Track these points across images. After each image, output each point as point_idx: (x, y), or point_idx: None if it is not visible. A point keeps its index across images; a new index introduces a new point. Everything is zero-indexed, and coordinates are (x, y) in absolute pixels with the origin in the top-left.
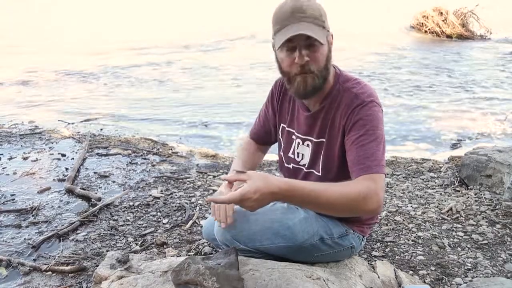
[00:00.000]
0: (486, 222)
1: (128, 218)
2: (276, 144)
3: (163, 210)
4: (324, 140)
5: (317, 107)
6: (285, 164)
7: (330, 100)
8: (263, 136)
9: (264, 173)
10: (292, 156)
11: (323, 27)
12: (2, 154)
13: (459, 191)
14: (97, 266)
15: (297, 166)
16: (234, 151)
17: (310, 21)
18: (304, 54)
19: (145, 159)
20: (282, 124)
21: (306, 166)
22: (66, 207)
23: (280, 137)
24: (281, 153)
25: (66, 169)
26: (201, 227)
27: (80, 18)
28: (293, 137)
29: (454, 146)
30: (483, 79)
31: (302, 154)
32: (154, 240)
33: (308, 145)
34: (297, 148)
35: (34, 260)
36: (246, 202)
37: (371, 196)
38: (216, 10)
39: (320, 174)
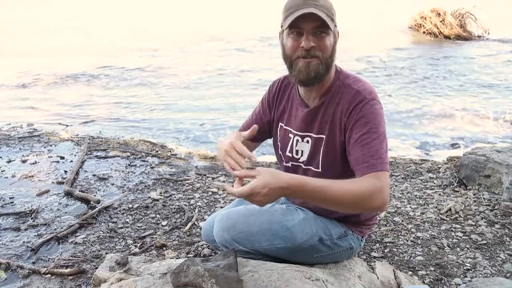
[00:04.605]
0: (485, 222)
1: (127, 220)
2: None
3: (162, 212)
4: (323, 136)
5: (317, 102)
6: (284, 163)
7: (330, 96)
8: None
9: (273, 169)
10: (290, 154)
11: (331, 19)
12: (0, 157)
13: (458, 191)
14: (96, 268)
15: (296, 163)
16: None
17: (322, 9)
18: (311, 39)
19: (144, 161)
20: (280, 123)
21: (304, 162)
22: (65, 210)
23: (277, 136)
24: (280, 152)
25: (65, 171)
26: (200, 229)
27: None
28: (290, 135)
29: (452, 147)
30: (481, 79)
31: (302, 151)
32: (153, 242)
33: (308, 141)
34: (296, 146)
35: (33, 263)
36: (255, 197)
37: (377, 194)
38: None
39: (319, 170)
